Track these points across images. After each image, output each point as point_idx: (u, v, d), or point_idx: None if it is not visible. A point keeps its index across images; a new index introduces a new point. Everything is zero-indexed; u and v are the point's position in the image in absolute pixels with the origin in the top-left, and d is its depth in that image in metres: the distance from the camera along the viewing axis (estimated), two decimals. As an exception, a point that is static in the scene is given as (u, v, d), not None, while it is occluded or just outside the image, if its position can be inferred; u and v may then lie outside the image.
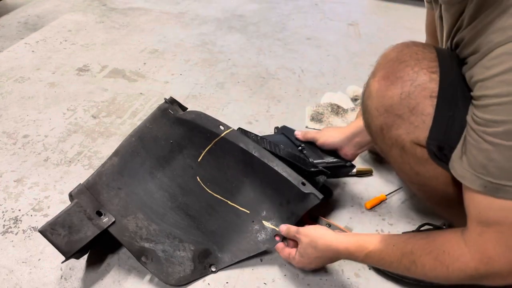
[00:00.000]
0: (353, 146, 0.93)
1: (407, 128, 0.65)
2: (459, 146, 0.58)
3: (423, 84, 0.64)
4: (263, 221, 0.85)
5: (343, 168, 0.95)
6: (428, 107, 0.63)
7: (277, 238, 0.83)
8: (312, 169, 0.87)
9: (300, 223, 0.83)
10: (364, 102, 0.73)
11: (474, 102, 0.56)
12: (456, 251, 0.56)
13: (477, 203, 0.54)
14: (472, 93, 0.56)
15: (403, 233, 0.87)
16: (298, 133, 0.98)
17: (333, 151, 0.96)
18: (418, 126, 0.64)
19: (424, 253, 0.59)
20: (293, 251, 0.79)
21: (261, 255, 0.86)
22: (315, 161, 0.91)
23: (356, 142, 0.92)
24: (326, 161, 0.94)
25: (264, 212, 0.86)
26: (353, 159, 0.95)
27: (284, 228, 0.81)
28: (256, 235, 0.85)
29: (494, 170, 0.51)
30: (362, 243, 0.68)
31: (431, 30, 0.88)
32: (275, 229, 0.84)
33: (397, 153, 0.70)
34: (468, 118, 0.57)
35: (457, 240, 0.56)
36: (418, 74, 0.64)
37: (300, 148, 0.96)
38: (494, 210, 0.52)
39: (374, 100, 0.69)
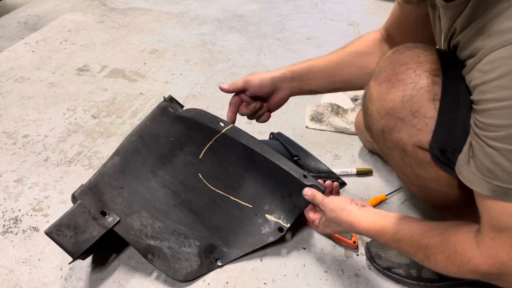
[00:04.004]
0: (287, 90, 0.89)
1: (409, 131, 0.65)
2: (465, 150, 0.57)
3: (425, 87, 0.63)
4: (266, 215, 0.86)
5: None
6: (431, 110, 0.63)
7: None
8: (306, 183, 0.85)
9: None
10: (365, 105, 0.72)
11: (474, 106, 0.55)
12: (468, 253, 0.55)
13: (488, 207, 0.54)
14: (471, 97, 0.56)
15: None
16: (225, 86, 0.90)
17: (328, 171, 0.96)
18: (421, 129, 0.64)
19: (437, 251, 0.59)
20: (317, 218, 0.79)
21: (264, 248, 0.86)
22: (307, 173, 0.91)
23: (292, 86, 0.89)
24: (318, 174, 0.94)
25: (267, 206, 0.87)
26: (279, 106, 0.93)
27: (309, 192, 0.79)
28: (260, 229, 0.85)
29: (501, 174, 0.51)
30: (382, 229, 0.67)
31: (401, 26, 0.84)
32: (278, 222, 0.85)
33: (398, 156, 0.69)
34: (471, 122, 0.56)
35: (470, 242, 0.56)
36: (420, 77, 0.64)
37: (295, 158, 0.95)
38: (506, 215, 0.52)
39: (376, 103, 0.69)
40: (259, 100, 0.91)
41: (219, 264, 0.83)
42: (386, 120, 0.67)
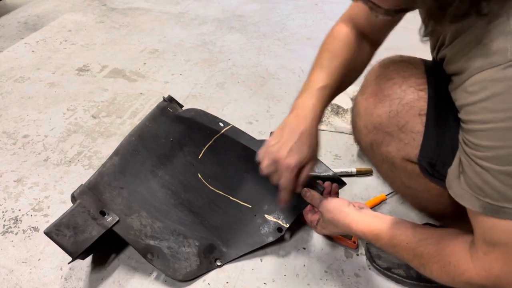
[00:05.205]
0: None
1: (396, 145, 0.66)
2: (455, 165, 0.57)
3: (411, 102, 0.64)
4: (265, 215, 0.86)
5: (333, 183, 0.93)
6: (418, 125, 0.63)
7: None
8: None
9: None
10: (353, 119, 0.73)
11: (462, 124, 0.55)
12: (462, 266, 0.55)
13: (480, 222, 0.54)
14: (459, 115, 0.55)
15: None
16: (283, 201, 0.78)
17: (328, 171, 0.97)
18: (408, 143, 0.64)
19: (432, 261, 0.59)
20: (314, 220, 0.79)
21: (264, 248, 0.86)
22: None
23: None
24: (318, 173, 0.95)
25: (266, 206, 0.87)
26: None
27: (308, 193, 0.79)
28: (259, 229, 0.86)
29: (491, 192, 0.51)
30: (379, 232, 0.67)
31: (374, 24, 0.77)
32: (277, 222, 0.85)
33: (388, 168, 0.70)
34: (460, 138, 0.56)
35: (464, 254, 0.56)
36: (406, 93, 0.64)
37: None
38: (498, 231, 0.51)
39: (363, 118, 0.69)
40: None
41: (219, 264, 0.83)
42: (373, 135, 0.68)
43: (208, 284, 0.81)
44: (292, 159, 0.70)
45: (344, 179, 1.01)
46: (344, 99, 1.36)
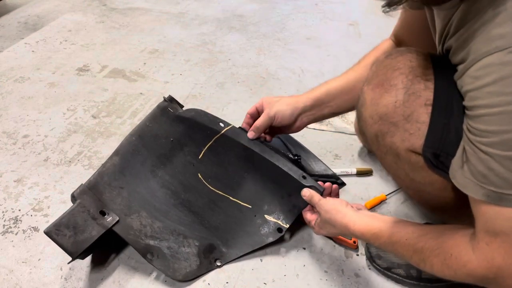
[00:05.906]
0: (306, 119, 0.88)
1: (401, 135, 0.65)
2: (458, 155, 0.57)
3: (417, 92, 0.63)
4: (265, 215, 0.86)
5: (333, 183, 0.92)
6: (423, 115, 0.63)
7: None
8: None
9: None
10: (359, 110, 0.73)
11: (466, 112, 0.55)
12: (463, 257, 0.55)
13: (483, 212, 0.53)
14: (464, 103, 0.55)
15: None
16: (251, 134, 0.87)
17: (328, 171, 0.97)
18: (413, 133, 0.64)
19: (433, 254, 0.58)
20: (313, 220, 0.79)
21: (264, 248, 0.86)
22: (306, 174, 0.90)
23: (313, 113, 0.87)
24: (318, 174, 0.95)
25: (266, 206, 0.87)
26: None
27: (307, 193, 0.79)
28: (259, 229, 0.86)
29: (495, 179, 0.51)
30: (378, 231, 0.67)
31: (413, 30, 0.83)
32: (277, 222, 0.85)
33: (392, 160, 0.70)
34: (464, 127, 0.56)
35: (465, 246, 0.55)
36: (413, 82, 0.64)
37: (296, 157, 0.95)
38: (501, 220, 0.51)
39: (369, 108, 0.69)
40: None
41: (218, 264, 0.83)
42: (379, 125, 0.67)
43: (208, 284, 0.81)
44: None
45: (344, 179, 1.01)
46: (344, 99, 1.36)
